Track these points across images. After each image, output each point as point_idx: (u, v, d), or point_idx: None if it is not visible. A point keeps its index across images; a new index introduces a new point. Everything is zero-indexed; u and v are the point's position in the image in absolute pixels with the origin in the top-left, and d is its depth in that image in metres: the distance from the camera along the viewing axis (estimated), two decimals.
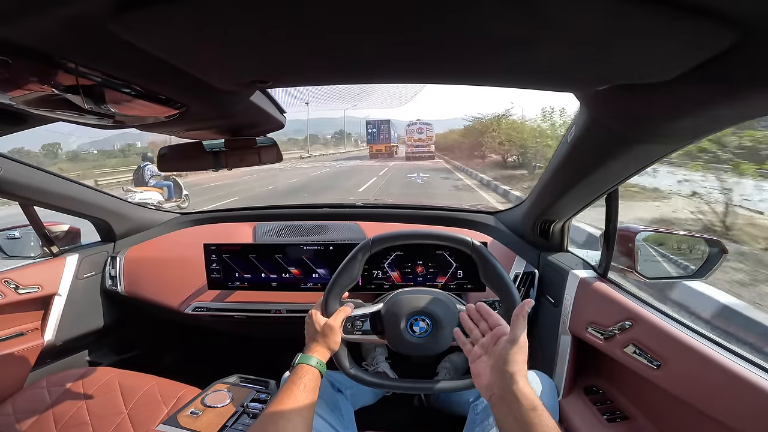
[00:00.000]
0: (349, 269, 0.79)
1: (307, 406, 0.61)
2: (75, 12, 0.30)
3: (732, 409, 0.57)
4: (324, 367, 0.70)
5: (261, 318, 1.21)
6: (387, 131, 25.72)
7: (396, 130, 29.07)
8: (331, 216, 1.45)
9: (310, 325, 0.76)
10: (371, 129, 25.92)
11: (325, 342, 0.73)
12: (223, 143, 0.81)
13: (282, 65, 0.44)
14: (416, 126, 23.00)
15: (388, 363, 1.24)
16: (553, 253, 1.07)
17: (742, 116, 0.45)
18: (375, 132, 25.82)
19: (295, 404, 0.59)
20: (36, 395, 1.04)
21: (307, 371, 0.66)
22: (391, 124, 26.20)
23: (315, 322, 0.75)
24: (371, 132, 25.98)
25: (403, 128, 28.72)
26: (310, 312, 0.77)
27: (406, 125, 23.91)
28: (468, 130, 18.74)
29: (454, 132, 27.29)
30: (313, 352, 0.70)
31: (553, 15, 0.30)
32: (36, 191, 1.06)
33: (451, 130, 29.82)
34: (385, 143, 25.73)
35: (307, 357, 0.69)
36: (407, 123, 24.12)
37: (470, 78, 0.48)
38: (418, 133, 22.76)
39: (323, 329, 0.73)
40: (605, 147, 0.63)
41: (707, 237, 0.82)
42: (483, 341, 0.63)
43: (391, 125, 26.15)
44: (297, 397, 0.61)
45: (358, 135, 79.65)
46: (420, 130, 22.72)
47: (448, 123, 71.60)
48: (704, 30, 0.31)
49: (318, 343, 0.72)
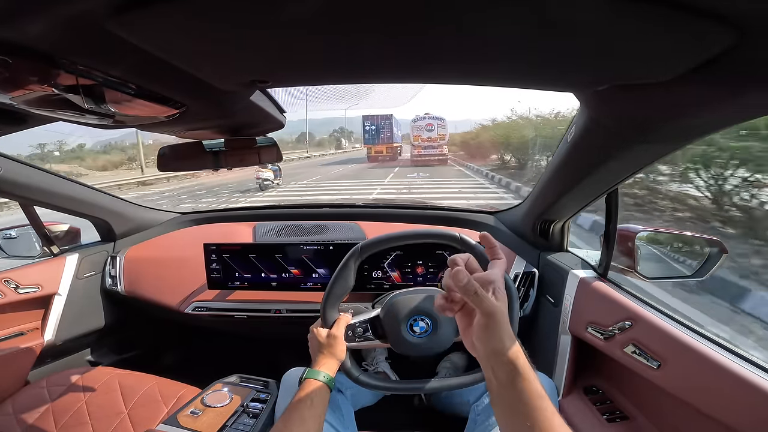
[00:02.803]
0: (342, 277, 0.78)
1: (316, 423, 0.60)
2: (75, 12, 0.30)
3: (732, 409, 0.57)
4: (332, 382, 0.69)
5: (261, 318, 1.21)
6: (389, 129, 20.62)
7: (399, 128, 22.76)
8: (331, 216, 1.45)
9: (313, 340, 0.76)
10: (369, 126, 20.74)
11: (330, 353, 0.72)
12: (223, 143, 0.81)
13: (282, 65, 0.44)
14: (425, 122, 17.83)
15: (388, 363, 1.24)
16: (553, 253, 1.07)
17: (741, 116, 0.45)
18: (374, 130, 20.72)
19: (302, 422, 0.59)
20: (36, 395, 1.04)
21: (314, 386, 0.65)
22: (394, 120, 21.06)
23: (317, 335, 0.74)
24: (369, 130, 20.81)
25: (407, 126, 23.87)
26: (310, 329, 0.77)
27: (412, 121, 18.58)
28: (487, 129, 15.70)
29: (470, 134, 21.95)
30: (321, 366, 0.70)
31: (553, 15, 0.30)
32: (36, 191, 1.06)
33: (470, 131, 24.03)
34: (387, 143, 20.69)
35: (315, 372, 0.68)
36: (413, 118, 18.65)
37: (470, 78, 0.48)
38: (428, 130, 17.72)
39: (327, 340, 0.73)
40: (605, 147, 0.63)
41: (707, 237, 0.82)
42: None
43: (394, 121, 20.98)
44: (304, 414, 0.60)
45: (357, 135, 76.57)
46: (429, 127, 17.69)
47: (457, 125, 66.96)
48: (704, 30, 0.31)
49: (324, 356, 0.72)
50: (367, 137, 21.17)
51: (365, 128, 21.04)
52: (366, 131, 21.07)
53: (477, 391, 0.89)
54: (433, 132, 17.70)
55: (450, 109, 42.02)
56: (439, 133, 17.72)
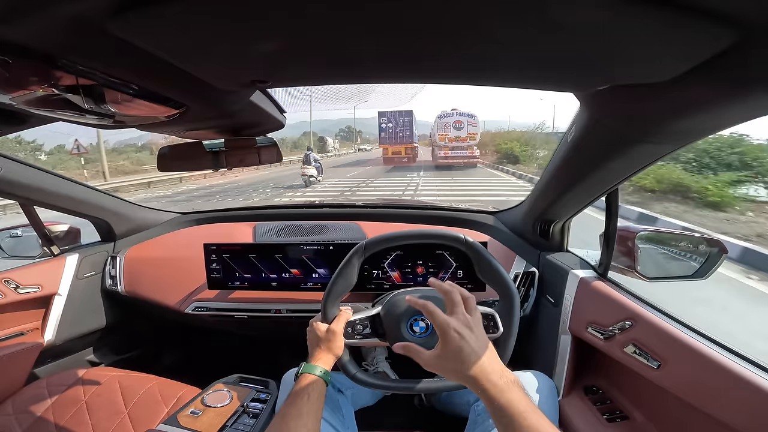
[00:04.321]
0: (345, 274, 0.78)
1: (313, 418, 0.60)
2: (75, 12, 0.30)
3: (732, 409, 0.57)
4: (329, 376, 0.69)
5: (261, 317, 1.21)
6: (408, 127, 17.70)
7: (417, 127, 19.23)
8: (331, 216, 1.45)
9: (311, 333, 0.75)
10: (386, 123, 17.74)
11: (328, 348, 0.72)
12: (223, 143, 0.81)
13: (282, 65, 0.44)
14: (452, 118, 15.18)
15: (388, 363, 1.24)
16: (553, 253, 1.07)
17: (742, 116, 0.45)
18: (391, 128, 17.68)
19: (299, 416, 0.59)
20: (36, 395, 1.04)
21: (311, 381, 0.65)
22: (413, 117, 18.05)
23: (316, 329, 0.74)
24: (386, 128, 17.79)
25: (421, 126, 20.31)
26: (310, 323, 0.77)
27: (438, 117, 15.90)
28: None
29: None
30: (317, 361, 0.69)
31: (553, 15, 0.30)
32: (36, 191, 1.06)
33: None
34: (406, 143, 17.72)
35: (311, 366, 0.68)
36: (439, 114, 15.91)
37: (470, 78, 0.48)
38: (456, 128, 15.02)
39: (326, 335, 0.73)
40: (605, 147, 0.63)
41: (707, 237, 0.82)
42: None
43: (413, 119, 18.00)
44: (301, 410, 0.60)
45: (365, 136, 72.29)
46: (458, 125, 15.05)
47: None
48: (704, 30, 0.31)
49: (321, 350, 0.72)
50: (383, 136, 18.26)
51: (381, 126, 18.15)
52: (382, 129, 18.11)
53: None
54: (462, 130, 15.11)
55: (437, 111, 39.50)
56: (469, 132, 15.14)
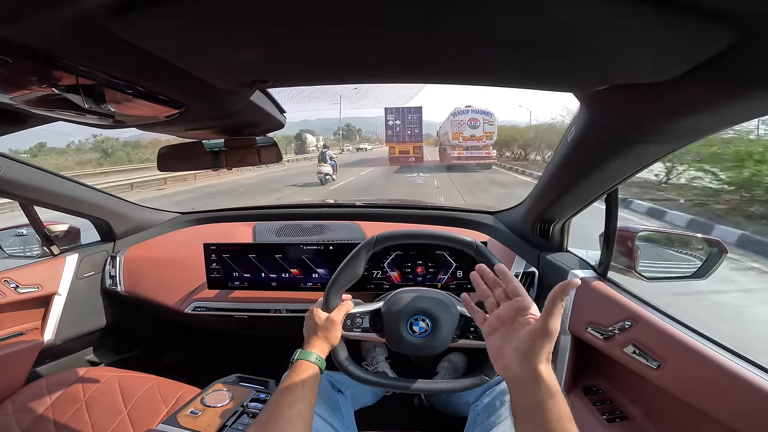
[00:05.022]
0: (352, 266, 0.79)
1: (307, 404, 0.60)
2: (75, 12, 0.30)
3: (732, 409, 0.57)
4: (323, 363, 0.69)
5: (261, 317, 1.21)
6: (417, 124, 16.84)
7: (422, 125, 18.42)
8: (331, 216, 1.45)
9: (310, 320, 0.75)
10: (393, 120, 16.86)
11: (325, 336, 0.72)
12: (223, 143, 0.81)
13: (282, 65, 0.44)
14: (468, 116, 14.06)
15: (387, 363, 1.24)
16: (552, 253, 1.07)
17: (742, 116, 0.45)
18: (399, 126, 16.82)
19: (294, 403, 0.59)
20: (36, 395, 1.04)
21: (306, 367, 0.65)
22: (422, 114, 17.17)
23: (316, 316, 0.74)
24: (393, 125, 16.88)
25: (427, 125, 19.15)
26: (310, 308, 0.77)
27: (452, 114, 14.58)
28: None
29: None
30: (313, 348, 0.70)
31: (553, 15, 0.30)
32: (36, 191, 1.06)
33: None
34: (415, 142, 16.84)
35: (306, 353, 0.68)
36: (453, 111, 14.63)
37: (470, 78, 0.48)
38: (471, 126, 13.89)
39: (324, 323, 0.73)
40: (605, 147, 0.63)
41: (707, 237, 0.82)
42: (500, 312, 0.53)
43: (421, 117, 17.13)
44: (296, 396, 0.60)
45: (365, 134, 70.52)
46: (474, 123, 13.92)
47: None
48: (704, 30, 0.31)
49: (318, 338, 0.72)
50: (390, 134, 17.24)
51: (388, 123, 17.23)
52: (389, 127, 17.18)
53: (477, 391, 0.89)
54: (478, 129, 13.97)
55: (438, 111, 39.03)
56: (485, 131, 14.00)
